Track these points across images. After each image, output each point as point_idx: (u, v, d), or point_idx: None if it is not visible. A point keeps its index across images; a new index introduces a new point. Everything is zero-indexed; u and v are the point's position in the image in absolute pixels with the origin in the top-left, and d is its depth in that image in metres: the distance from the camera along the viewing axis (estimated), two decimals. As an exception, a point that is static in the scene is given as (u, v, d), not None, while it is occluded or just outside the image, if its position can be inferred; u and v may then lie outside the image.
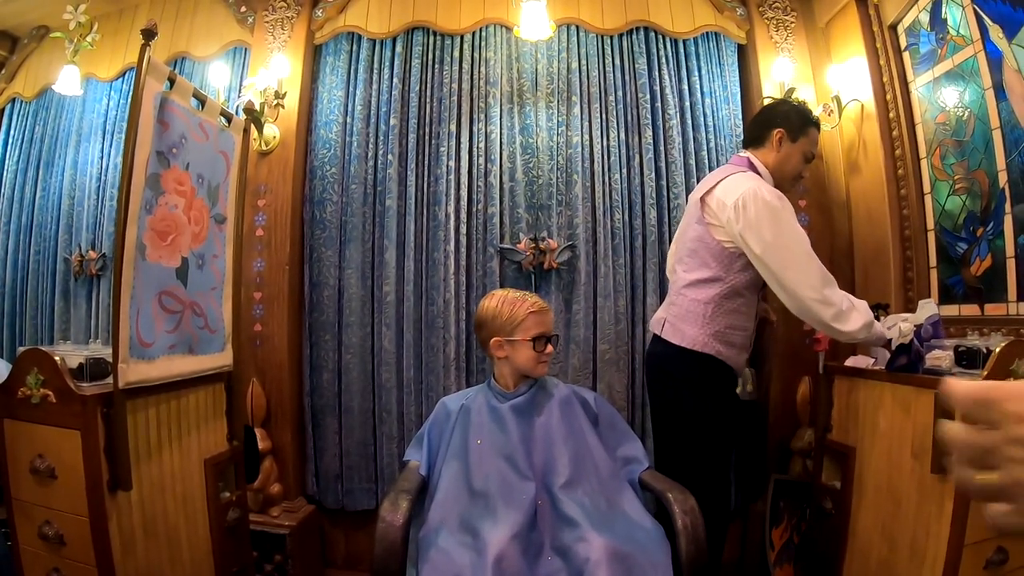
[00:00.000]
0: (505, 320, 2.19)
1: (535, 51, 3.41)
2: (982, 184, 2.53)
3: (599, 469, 2.12)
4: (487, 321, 2.24)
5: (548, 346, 2.23)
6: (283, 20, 3.43)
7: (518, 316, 2.18)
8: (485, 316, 2.25)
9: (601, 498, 2.03)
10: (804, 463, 3.02)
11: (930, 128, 2.82)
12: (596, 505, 1.98)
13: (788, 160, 2.48)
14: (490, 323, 2.23)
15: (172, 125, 2.13)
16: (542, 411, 2.18)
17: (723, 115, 3.43)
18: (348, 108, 3.44)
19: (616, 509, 2.01)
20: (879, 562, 2.29)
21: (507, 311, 2.20)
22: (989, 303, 2.52)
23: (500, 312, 2.21)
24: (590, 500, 1.99)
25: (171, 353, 2.17)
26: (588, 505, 1.97)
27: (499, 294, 2.29)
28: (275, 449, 3.15)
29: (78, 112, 3.83)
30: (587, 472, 2.09)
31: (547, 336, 2.22)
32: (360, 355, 3.29)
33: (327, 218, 3.34)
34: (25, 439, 1.98)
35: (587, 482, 2.06)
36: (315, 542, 3.21)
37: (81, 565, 1.93)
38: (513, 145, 3.32)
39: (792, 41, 3.42)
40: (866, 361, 2.52)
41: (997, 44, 2.42)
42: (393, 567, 1.75)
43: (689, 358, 2.37)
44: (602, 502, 2.02)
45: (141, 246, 2.01)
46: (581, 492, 2.01)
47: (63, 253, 3.70)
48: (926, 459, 2.06)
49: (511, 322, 2.19)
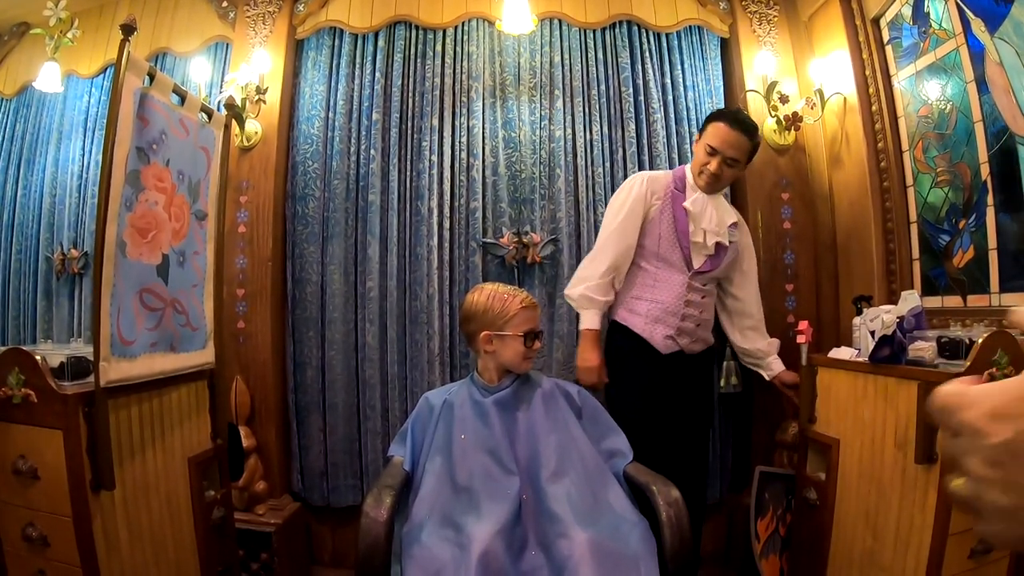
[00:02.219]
0: (496, 314, 2.18)
1: (517, 45, 3.41)
2: (964, 177, 2.54)
3: (584, 461, 2.11)
4: (477, 314, 2.23)
5: (536, 342, 2.22)
6: (264, 15, 3.41)
7: (509, 311, 2.18)
8: (475, 310, 2.24)
9: (587, 490, 2.03)
10: (789, 455, 3.03)
11: (912, 121, 2.83)
12: (582, 498, 1.98)
13: (696, 155, 2.80)
14: (480, 317, 2.21)
15: (152, 121, 2.11)
16: (526, 405, 2.18)
17: (706, 109, 3.42)
18: (330, 103, 3.42)
19: (601, 502, 2.01)
20: (864, 552, 2.31)
21: (498, 305, 2.19)
22: (972, 294, 2.54)
23: (491, 306, 2.20)
24: (576, 492, 1.99)
25: (153, 351, 2.16)
26: (574, 497, 1.96)
27: (488, 288, 2.28)
28: (260, 447, 3.14)
29: (59, 109, 3.79)
30: (572, 463, 2.08)
31: (536, 332, 2.22)
32: (344, 351, 3.28)
33: (309, 214, 3.33)
34: (7, 439, 1.95)
35: (573, 472, 2.05)
36: (301, 539, 3.20)
37: (66, 566, 1.91)
38: (496, 139, 3.33)
39: (775, 35, 3.42)
40: (849, 353, 2.53)
41: (979, 38, 2.43)
42: (377, 563, 1.74)
43: (610, 327, 2.86)
44: (588, 495, 2.01)
45: (121, 243, 1.99)
46: (567, 483, 2.01)
47: (45, 252, 3.67)
48: (909, 449, 2.07)
49: (502, 316, 2.18)
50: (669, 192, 2.79)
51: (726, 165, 2.69)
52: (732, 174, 2.77)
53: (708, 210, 2.75)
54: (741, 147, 2.70)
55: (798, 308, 3.23)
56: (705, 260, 2.77)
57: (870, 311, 2.44)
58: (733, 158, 2.69)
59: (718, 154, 2.67)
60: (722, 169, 2.69)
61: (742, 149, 2.71)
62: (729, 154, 2.67)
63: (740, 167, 2.78)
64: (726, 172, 2.72)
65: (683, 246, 2.75)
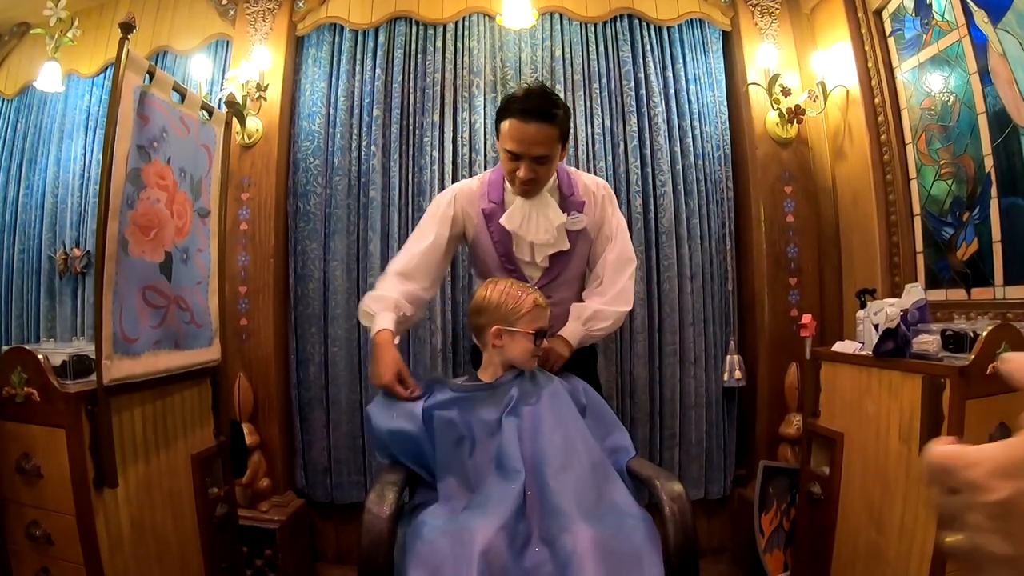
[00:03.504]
0: (509, 310, 2.15)
1: (518, 40, 3.40)
2: (968, 169, 2.54)
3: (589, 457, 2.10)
4: (488, 308, 2.19)
5: (544, 341, 2.21)
6: (264, 12, 3.40)
7: (522, 308, 2.15)
8: (487, 304, 2.20)
9: (591, 486, 2.02)
10: (793, 449, 3.02)
11: (915, 113, 2.82)
12: (586, 494, 1.97)
13: (501, 160, 2.35)
14: (492, 311, 2.18)
15: (152, 119, 2.11)
16: (530, 401, 2.17)
17: (708, 102, 3.43)
18: (331, 100, 3.42)
19: (605, 497, 2.00)
20: (868, 546, 2.31)
21: (511, 302, 2.16)
22: (976, 287, 2.53)
23: (503, 302, 2.17)
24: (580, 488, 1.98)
25: (157, 349, 2.16)
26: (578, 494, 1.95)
27: (501, 283, 2.24)
28: (263, 443, 3.14)
29: (60, 109, 3.78)
30: (577, 459, 2.07)
31: (545, 331, 2.21)
32: (346, 347, 3.28)
33: (311, 210, 3.33)
34: (10, 438, 1.96)
35: (578, 468, 2.04)
36: (305, 536, 3.20)
37: (70, 564, 1.92)
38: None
39: (777, 27, 3.41)
40: (853, 346, 2.53)
41: (982, 29, 2.42)
42: (380, 559, 1.74)
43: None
44: (592, 490, 2.00)
45: (123, 241, 1.99)
46: (572, 479, 2.00)
47: (47, 251, 3.67)
48: (914, 443, 2.07)
49: (515, 312, 2.15)
50: (483, 210, 2.45)
51: (537, 164, 2.24)
52: (548, 170, 2.32)
53: (531, 218, 2.37)
54: (545, 139, 2.22)
55: (801, 302, 3.22)
56: (543, 272, 2.47)
57: (873, 304, 2.43)
58: (541, 155, 2.23)
59: (521, 157, 2.23)
60: (534, 171, 2.25)
61: (547, 140, 2.22)
62: (535, 152, 2.22)
63: (555, 157, 2.31)
64: (540, 172, 2.27)
65: (508, 269, 2.45)
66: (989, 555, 0.53)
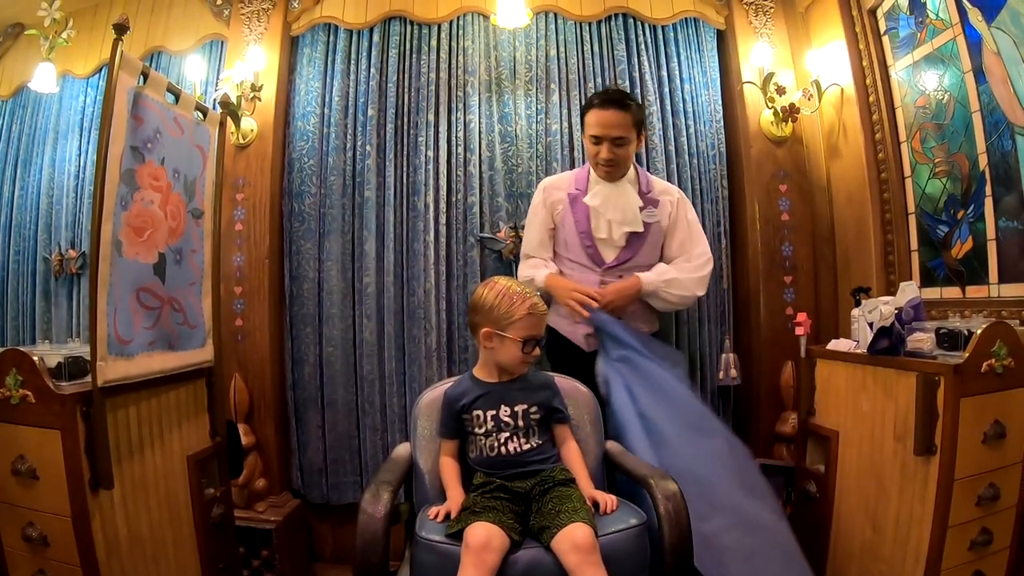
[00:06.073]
0: (501, 314, 2.12)
1: (513, 39, 3.39)
2: (962, 167, 2.54)
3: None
4: (483, 309, 2.17)
5: (536, 349, 2.18)
6: (259, 12, 3.40)
7: (515, 314, 2.11)
8: (482, 304, 2.17)
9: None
10: (789, 447, 3.03)
11: (910, 112, 2.82)
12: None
13: (587, 149, 2.81)
14: (485, 312, 2.16)
15: (146, 120, 2.11)
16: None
17: (703, 101, 3.43)
18: (326, 99, 3.42)
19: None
20: (864, 545, 2.31)
21: (505, 306, 2.12)
22: (970, 285, 2.54)
23: (498, 305, 2.13)
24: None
25: (151, 350, 2.15)
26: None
27: (502, 284, 2.19)
28: (259, 444, 3.14)
29: (55, 110, 3.78)
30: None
31: (536, 339, 2.17)
32: (342, 348, 3.29)
33: (306, 210, 3.33)
34: (6, 440, 1.95)
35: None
36: (302, 536, 3.20)
37: (66, 566, 1.91)
38: (492, 134, 3.32)
39: (771, 26, 3.41)
40: (848, 344, 2.53)
41: (976, 27, 2.42)
42: (375, 559, 1.74)
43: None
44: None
45: (117, 242, 1.99)
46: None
47: (42, 253, 3.67)
48: (909, 441, 2.07)
49: (507, 317, 2.12)
50: (569, 194, 2.82)
51: (616, 146, 2.66)
52: (626, 152, 2.72)
53: (612, 200, 2.74)
54: (621, 122, 2.66)
55: (796, 300, 3.22)
56: (618, 252, 2.77)
57: (868, 302, 2.43)
58: (619, 136, 2.65)
59: (603, 140, 2.66)
60: (613, 152, 2.67)
61: (623, 124, 2.66)
62: (613, 134, 2.65)
63: (632, 142, 2.72)
64: (619, 153, 2.68)
65: (586, 245, 2.77)
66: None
